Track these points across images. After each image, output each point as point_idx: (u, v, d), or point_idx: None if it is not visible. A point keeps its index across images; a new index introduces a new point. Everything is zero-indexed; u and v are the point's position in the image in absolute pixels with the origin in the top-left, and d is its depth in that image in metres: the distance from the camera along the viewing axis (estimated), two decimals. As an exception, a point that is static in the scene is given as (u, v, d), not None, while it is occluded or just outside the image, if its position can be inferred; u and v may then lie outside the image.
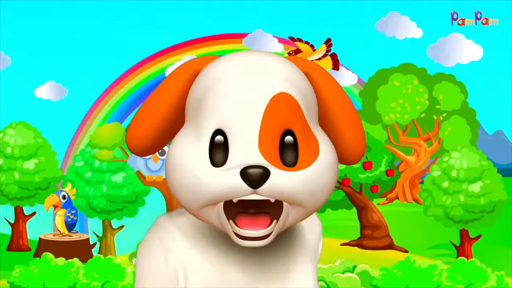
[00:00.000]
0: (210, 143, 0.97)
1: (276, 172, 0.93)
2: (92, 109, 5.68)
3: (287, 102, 0.97)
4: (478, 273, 4.21)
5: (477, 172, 4.65)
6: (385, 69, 5.33)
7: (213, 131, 0.97)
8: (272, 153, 0.95)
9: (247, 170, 0.92)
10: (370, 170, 5.10)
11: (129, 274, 4.26)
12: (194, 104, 1.02)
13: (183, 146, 1.00)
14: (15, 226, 5.30)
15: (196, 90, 1.03)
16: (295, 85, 1.00)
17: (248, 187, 0.92)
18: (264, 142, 0.95)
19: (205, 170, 0.95)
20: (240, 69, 1.00)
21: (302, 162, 0.97)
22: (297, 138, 0.97)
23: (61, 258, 4.25)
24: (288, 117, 0.97)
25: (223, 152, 0.96)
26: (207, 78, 1.02)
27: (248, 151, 0.94)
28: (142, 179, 4.99)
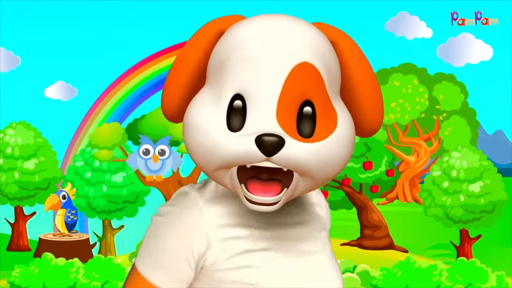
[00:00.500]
0: (228, 107, 0.97)
1: (290, 142, 0.93)
2: (92, 109, 5.69)
3: (309, 72, 0.96)
4: (478, 273, 4.21)
5: (477, 172, 4.64)
6: (385, 69, 5.33)
7: (232, 96, 0.97)
8: (289, 123, 0.94)
9: (262, 138, 0.92)
10: (370, 170, 5.10)
11: (129, 274, 4.25)
12: (215, 66, 1.01)
13: (202, 108, 1.00)
14: (15, 226, 5.30)
15: (219, 52, 1.02)
16: (319, 54, 0.99)
17: (262, 154, 0.93)
18: (282, 111, 0.94)
19: (222, 134, 0.95)
20: (264, 34, 0.99)
21: (318, 134, 0.97)
22: (315, 110, 0.97)
23: (61, 258, 4.25)
24: (308, 88, 0.96)
25: (241, 117, 0.96)
26: (230, 41, 1.01)
27: (265, 119, 0.94)
28: (142, 179, 4.99)
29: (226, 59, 0.99)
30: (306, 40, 0.99)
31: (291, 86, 0.95)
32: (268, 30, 0.99)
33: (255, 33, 0.99)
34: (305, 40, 0.99)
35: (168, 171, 5.02)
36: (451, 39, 5.16)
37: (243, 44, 0.98)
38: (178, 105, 1.05)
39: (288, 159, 0.94)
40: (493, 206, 4.66)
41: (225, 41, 1.02)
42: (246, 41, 0.99)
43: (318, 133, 0.97)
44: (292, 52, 0.97)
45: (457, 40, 5.13)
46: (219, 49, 1.02)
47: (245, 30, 1.01)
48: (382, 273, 4.24)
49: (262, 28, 1.00)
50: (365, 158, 5.06)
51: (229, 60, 0.98)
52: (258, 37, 0.98)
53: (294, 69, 0.95)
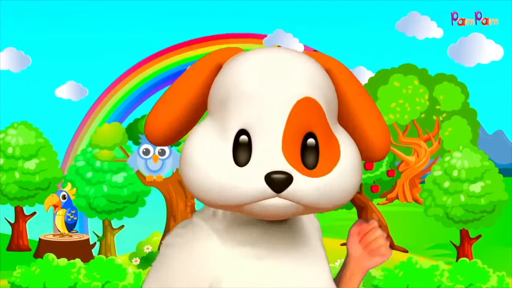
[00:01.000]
0: (234, 142, 0.98)
1: (298, 178, 0.96)
2: (92, 109, 5.69)
3: (311, 107, 0.99)
4: (479, 274, 4.21)
5: (478, 172, 4.64)
6: (385, 70, 5.33)
7: (237, 131, 0.98)
8: (294, 156, 0.97)
9: (271, 176, 0.95)
10: (371, 170, 5.10)
11: (129, 274, 4.26)
12: (217, 101, 1.03)
13: (206, 143, 1.00)
14: (15, 226, 5.30)
15: (220, 86, 1.03)
16: (318, 87, 1.01)
17: (272, 191, 0.95)
18: (287, 145, 0.97)
19: (230, 170, 0.97)
20: (265, 68, 1.01)
21: (323, 165, 0.99)
22: (318, 141, 0.99)
23: (63, 259, 4.25)
24: (310, 121, 0.99)
25: (247, 152, 0.97)
26: (231, 76, 1.02)
27: (272, 154, 0.96)
28: (142, 179, 4.99)
29: (228, 94, 1.01)
30: (306, 74, 1.01)
31: (294, 120, 0.98)
32: (268, 64, 1.02)
33: (256, 68, 1.01)
34: (304, 74, 1.01)
35: (168, 171, 5.02)
36: (462, 39, 5.16)
37: (244, 80, 1.00)
38: (165, 132, 1.07)
39: (296, 195, 0.97)
40: (493, 206, 4.66)
41: (225, 76, 1.04)
42: (248, 76, 1.00)
43: (322, 163, 0.99)
44: (294, 87, 0.99)
45: (468, 40, 5.13)
46: (219, 83, 1.04)
47: (246, 65, 1.03)
48: (383, 273, 4.24)
49: (263, 63, 1.02)
50: (365, 158, 5.06)
51: (231, 95, 1.00)
52: (260, 72, 1.00)
53: (296, 104, 0.98)
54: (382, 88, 5.29)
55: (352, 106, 1.08)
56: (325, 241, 1.25)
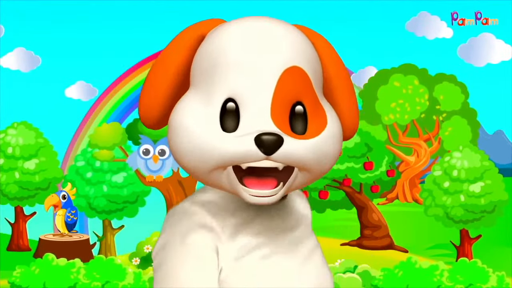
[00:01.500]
0: (221, 109, 0.97)
1: (288, 140, 0.95)
2: (92, 109, 5.69)
3: (298, 76, 0.99)
4: (479, 274, 4.20)
5: (478, 172, 4.64)
6: (385, 70, 5.33)
7: (225, 99, 0.98)
8: (283, 122, 0.97)
9: (261, 137, 0.94)
10: (371, 170, 5.10)
11: (129, 274, 4.26)
12: (202, 71, 1.02)
13: (192, 111, 1.00)
14: (15, 226, 5.30)
15: (204, 56, 1.02)
16: (305, 57, 1.01)
17: (262, 153, 0.94)
18: (276, 111, 0.97)
19: (217, 135, 0.96)
20: (252, 37, 1.00)
21: (311, 131, 1.00)
22: (306, 109, 1.00)
23: (63, 259, 4.25)
24: (298, 90, 0.99)
25: (234, 119, 0.97)
26: (216, 45, 1.01)
27: (261, 119, 0.96)
28: (142, 179, 4.99)
29: (214, 64, 1.00)
30: (294, 44, 1.01)
31: (283, 88, 0.97)
32: (255, 33, 1.01)
33: (243, 36, 1.01)
34: (292, 43, 1.01)
35: (168, 171, 5.02)
36: (472, 39, 5.15)
37: (231, 48, 1.00)
38: (159, 112, 1.06)
39: (287, 156, 0.96)
40: (493, 206, 4.66)
41: (210, 45, 1.03)
42: (235, 45, 1.00)
43: (311, 130, 1.00)
44: (282, 56, 0.99)
45: (478, 40, 5.12)
46: (204, 54, 1.03)
47: (232, 33, 1.02)
48: (383, 273, 4.24)
49: (249, 32, 1.01)
50: (365, 158, 5.06)
51: (218, 64, 0.99)
52: (247, 40, 1.00)
53: (284, 72, 0.98)
54: (382, 88, 5.29)
55: (333, 83, 1.08)
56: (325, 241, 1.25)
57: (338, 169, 5.00)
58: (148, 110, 1.06)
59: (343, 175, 5.06)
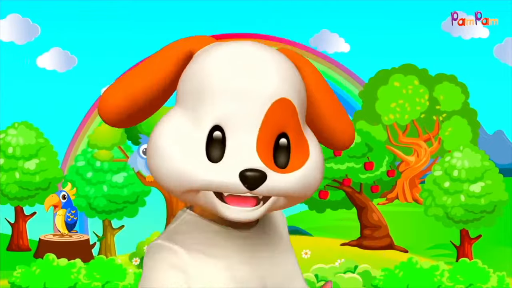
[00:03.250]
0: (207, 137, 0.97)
1: (271, 175, 0.96)
2: (92, 109, 5.68)
3: (286, 108, 0.99)
4: (480, 274, 4.21)
5: (478, 172, 4.65)
6: (385, 70, 5.33)
7: (212, 126, 0.97)
8: (268, 155, 0.97)
9: (246, 173, 0.94)
10: (371, 170, 5.10)
11: (130, 274, 4.26)
12: (190, 92, 1.01)
13: (177, 133, 0.99)
14: (15, 226, 5.30)
15: (193, 77, 1.02)
16: (293, 87, 1.01)
17: (245, 188, 0.95)
18: (262, 144, 0.97)
19: (202, 165, 0.96)
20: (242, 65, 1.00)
21: (293, 163, 1.00)
22: (290, 141, 1.00)
23: (63, 259, 4.25)
24: (284, 122, 1.00)
25: (220, 148, 0.97)
26: (206, 68, 1.01)
27: (247, 152, 0.96)
28: (142, 179, 4.99)
29: (203, 87, 1.00)
30: (282, 74, 1.01)
31: (270, 120, 0.98)
32: (245, 61, 1.01)
33: (233, 63, 1.00)
34: (281, 74, 1.01)
35: (168, 171, 5.01)
36: (508, 39, 5.15)
37: (221, 74, 0.99)
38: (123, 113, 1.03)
39: (270, 191, 0.97)
40: (493, 206, 4.66)
41: (199, 67, 1.02)
42: (225, 71, 0.99)
43: (293, 163, 1.00)
44: (271, 87, 0.99)
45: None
46: (192, 74, 1.02)
47: (222, 58, 1.01)
48: (383, 273, 4.24)
49: (239, 58, 1.01)
50: (366, 158, 5.06)
51: (207, 89, 0.99)
52: (237, 68, 1.00)
53: (273, 105, 0.98)
54: (382, 88, 5.29)
55: (319, 104, 1.09)
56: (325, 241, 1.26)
57: (338, 169, 5.00)
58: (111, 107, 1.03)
59: (343, 175, 5.07)
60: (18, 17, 5.17)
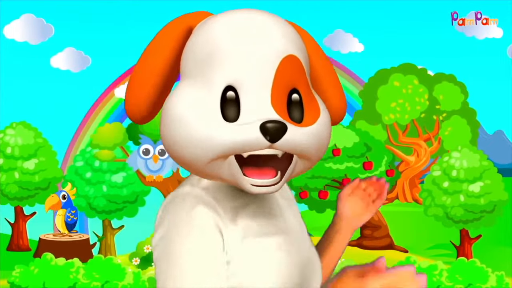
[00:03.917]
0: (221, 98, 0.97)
1: (291, 127, 0.96)
2: (92, 109, 5.69)
3: (295, 64, 1.01)
4: (478, 273, 4.20)
5: (477, 172, 4.64)
6: (385, 69, 5.33)
7: (224, 88, 0.98)
8: (283, 110, 0.98)
9: (267, 125, 0.95)
10: (370, 170, 5.10)
11: (129, 274, 4.26)
12: (196, 62, 1.01)
13: (190, 101, 0.99)
14: (15, 226, 5.31)
15: (198, 47, 1.02)
16: (299, 47, 1.04)
17: (266, 141, 0.95)
18: (276, 100, 0.98)
19: (219, 124, 0.96)
20: (245, 27, 1.01)
21: (307, 118, 1.01)
22: (302, 96, 1.02)
23: (61, 258, 4.25)
24: (294, 78, 1.01)
25: (235, 108, 0.97)
26: (210, 35, 1.01)
27: (263, 107, 0.97)
28: (142, 179, 4.99)
29: (210, 53, 1.00)
30: (287, 33, 1.03)
31: (281, 76, 0.99)
32: (248, 23, 1.02)
33: (237, 27, 1.01)
34: (285, 33, 1.03)
35: (168, 171, 5.02)
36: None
37: (227, 38, 1.00)
38: (146, 106, 1.05)
39: (290, 144, 0.97)
40: (493, 206, 4.66)
41: (202, 36, 1.03)
42: (230, 35, 1.00)
43: (307, 117, 1.02)
44: (279, 45, 1.00)
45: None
46: (197, 45, 1.03)
47: (225, 24, 1.02)
48: (382, 273, 4.23)
49: (242, 22, 1.02)
50: (365, 158, 5.06)
51: (214, 54, 1.00)
52: (242, 30, 1.01)
53: (282, 61, 0.99)
54: (382, 88, 5.29)
55: (317, 71, 1.11)
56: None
57: (337, 169, 5.00)
58: (136, 104, 1.05)
59: (342, 175, 5.06)
60: (32, 17, 5.19)
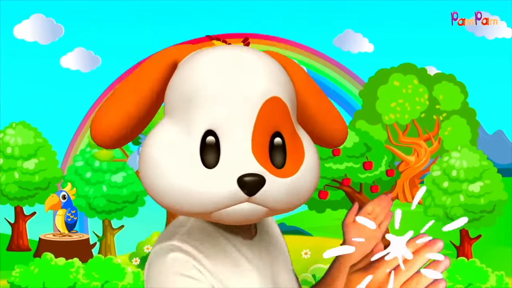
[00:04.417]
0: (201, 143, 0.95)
1: (269, 179, 0.94)
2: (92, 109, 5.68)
3: (277, 106, 0.98)
4: (478, 273, 4.20)
5: (477, 172, 4.65)
6: (385, 69, 5.33)
7: (204, 132, 0.95)
8: (264, 155, 0.95)
9: (244, 179, 0.92)
10: (370, 170, 5.10)
11: (129, 274, 4.26)
12: (178, 101, 0.99)
13: (170, 144, 0.97)
14: (15, 226, 5.30)
15: (180, 86, 1.00)
16: (282, 86, 1.00)
17: (244, 194, 0.93)
18: (257, 145, 0.95)
19: (199, 172, 0.94)
20: (229, 67, 0.98)
21: (290, 164, 0.99)
22: (285, 140, 0.99)
23: (61, 258, 4.25)
24: (277, 121, 0.98)
25: (215, 153, 0.94)
26: (193, 74, 0.99)
27: (243, 155, 0.94)
28: (142, 179, 4.99)
29: (192, 94, 0.98)
30: (271, 74, 1.00)
31: (263, 120, 0.96)
32: (232, 63, 0.99)
33: (219, 67, 0.99)
34: (269, 73, 0.99)
35: (168, 171, 5.01)
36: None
37: (209, 79, 0.98)
38: (117, 133, 1.03)
39: (268, 198, 0.95)
40: (493, 206, 4.66)
41: (186, 75, 1.00)
42: (213, 75, 0.98)
43: (290, 162, 0.98)
44: (261, 87, 0.97)
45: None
46: (179, 83, 1.01)
47: (208, 63, 1.00)
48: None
49: (226, 61, 0.99)
50: (365, 158, 5.06)
51: (196, 95, 0.97)
52: (224, 71, 0.98)
53: (264, 104, 0.96)
54: (382, 88, 5.29)
55: (307, 102, 1.08)
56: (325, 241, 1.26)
57: (337, 169, 5.00)
58: (104, 130, 1.03)
59: (342, 175, 5.06)
60: (41, 17, 5.17)
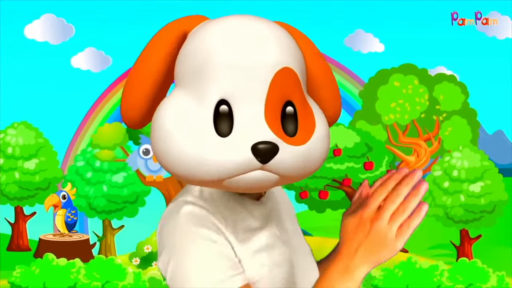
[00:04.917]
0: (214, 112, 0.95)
1: (282, 147, 0.95)
2: (92, 109, 5.69)
3: (289, 76, 0.99)
4: (479, 273, 4.21)
5: (478, 172, 4.65)
6: (385, 70, 5.33)
7: (217, 101, 0.96)
8: (276, 124, 0.97)
9: (258, 146, 0.94)
10: (371, 170, 5.10)
11: (129, 274, 4.26)
12: (190, 71, 1.00)
13: (180, 113, 0.97)
14: (15, 226, 5.30)
15: (191, 56, 1.01)
16: (294, 57, 1.01)
17: (258, 162, 0.94)
18: (269, 114, 0.96)
19: (212, 140, 0.95)
20: (241, 37, 0.99)
21: (302, 132, 1.00)
22: (296, 109, 1.00)
23: (63, 259, 4.25)
24: (289, 90, 0.99)
25: (228, 122, 0.95)
26: (204, 44, 0.99)
27: (256, 123, 0.95)
28: (142, 179, 4.99)
29: (203, 64, 0.98)
30: (282, 44, 1.01)
31: (275, 90, 0.97)
32: (243, 33, 1.00)
33: (231, 36, 0.99)
34: (280, 43, 1.01)
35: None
36: None
37: (221, 48, 0.98)
38: (141, 111, 1.04)
39: (281, 165, 0.96)
40: (493, 206, 4.66)
41: (196, 44, 1.01)
42: (225, 45, 0.98)
43: (301, 131, 1.00)
44: (273, 57, 0.98)
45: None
46: (190, 53, 1.01)
47: (219, 32, 1.00)
48: (383, 273, 4.24)
49: (236, 31, 1.00)
50: (365, 158, 5.06)
51: (207, 65, 0.98)
52: (236, 40, 0.99)
53: (276, 74, 0.98)
54: (382, 88, 5.29)
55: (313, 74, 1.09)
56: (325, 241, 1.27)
57: (338, 169, 5.00)
58: (130, 109, 1.04)
59: (343, 175, 5.06)
60: (52, 17, 5.19)
